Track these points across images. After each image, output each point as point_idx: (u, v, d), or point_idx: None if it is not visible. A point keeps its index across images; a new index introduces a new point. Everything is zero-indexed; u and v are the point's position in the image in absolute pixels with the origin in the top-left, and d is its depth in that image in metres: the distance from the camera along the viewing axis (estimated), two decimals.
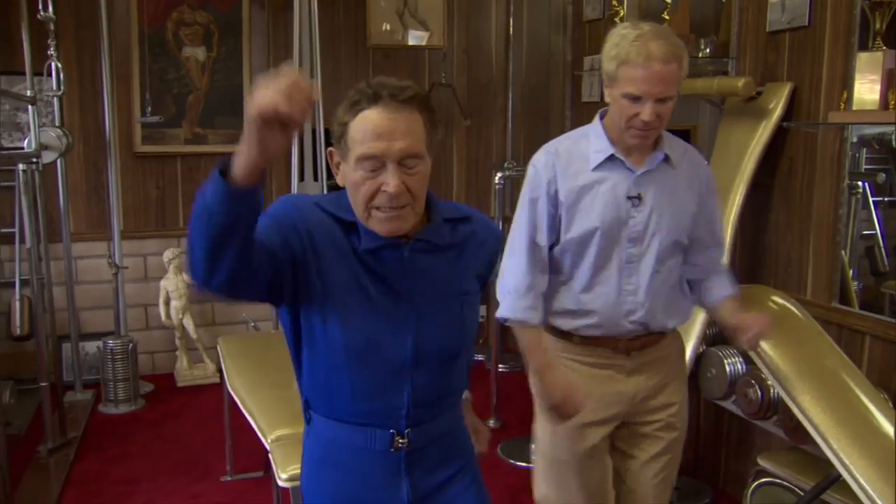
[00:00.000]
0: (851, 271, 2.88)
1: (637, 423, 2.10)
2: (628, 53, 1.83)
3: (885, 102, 2.35)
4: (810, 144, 2.80)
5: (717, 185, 2.95)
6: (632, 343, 2.04)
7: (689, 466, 3.15)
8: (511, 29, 5.08)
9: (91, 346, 4.46)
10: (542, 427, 2.16)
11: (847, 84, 2.54)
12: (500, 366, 4.31)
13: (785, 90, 2.84)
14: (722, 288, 2.11)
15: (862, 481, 1.77)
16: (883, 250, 2.99)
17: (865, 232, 3.01)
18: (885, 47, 2.39)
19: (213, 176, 1.17)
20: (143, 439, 3.86)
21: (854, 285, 2.93)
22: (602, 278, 2.00)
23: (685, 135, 3.19)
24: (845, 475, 1.82)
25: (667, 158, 1.99)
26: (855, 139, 2.83)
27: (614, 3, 3.78)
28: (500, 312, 2.03)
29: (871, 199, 2.98)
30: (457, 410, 1.60)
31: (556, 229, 2.00)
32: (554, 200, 1.99)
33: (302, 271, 1.38)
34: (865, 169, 3.02)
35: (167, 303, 4.50)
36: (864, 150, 3.00)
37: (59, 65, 3.93)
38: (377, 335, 1.41)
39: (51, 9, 3.74)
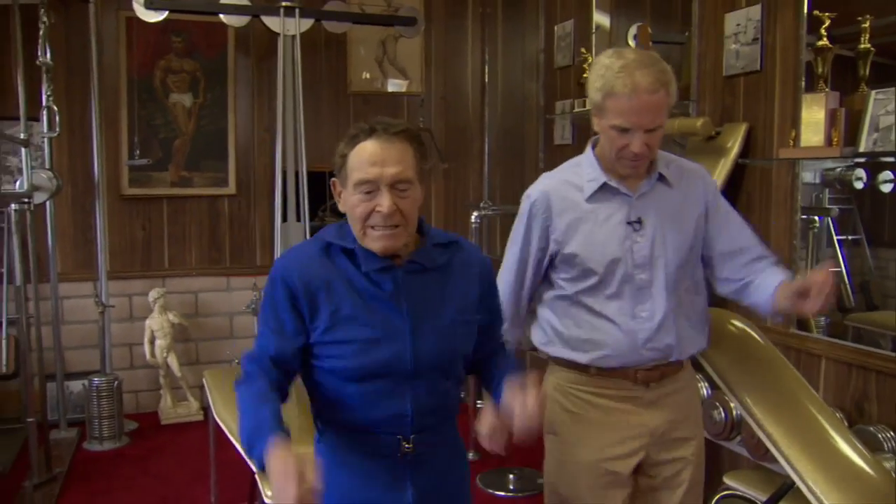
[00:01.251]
0: None
1: (655, 465, 2.03)
2: (613, 85, 1.79)
3: (829, 139, 2.53)
4: (766, 180, 2.98)
5: None
6: (650, 373, 1.96)
7: None
8: (486, 76, 5.30)
9: (76, 385, 4.53)
10: (552, 462, 2.08)
11: (796, 123, 2.72)
12: (478, 402, 4.42)
13: (741, 130, 3.03)
14: (772, 277, 1.94)
15: (812, 485, 1.89)
16: (848, 286, 3.12)
17: (831, 269, 3.17)
18: (828, 89, 2.58)
19: (252, 453, 1.42)
20: (127, 475, 3.92)
21: (822, 320, 3.07)
22: (615, 306, 1.94)
23: None
24: (798, 482, 1.94)
25: (662, 178, 1.96)
26: (818, 180, 2.99)
27: (583, 50, 3.99)
28: None
29: (835, 238, 3.12)
30: (454, 425, 1.74)
31: (543, 268, 2.01)
32: (546, 239, 1.98)
33: (310, 319, 1.57)
34: (829, 208, 3.18)
35: (152, 342, 4.59)
36: (827, 190, 3.16)
37: (56, 107, 4.07)
38: (379, 352, 1.56)
39: (49, 55, 3.90)
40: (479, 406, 4.49)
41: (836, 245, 3.12)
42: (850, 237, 3.13)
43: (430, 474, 1.65)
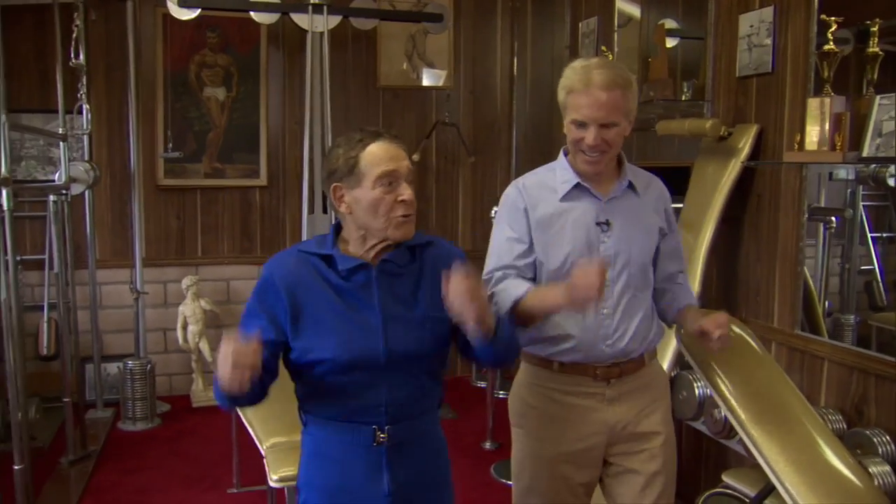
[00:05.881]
0: (826, 303, 3.02)
1: (620, 455, 2.10)
2: (573, 83, 1.94)
3: (832, 143, 2.53)
4: (775, 181, 2.99)
5: (691, 218, 3.16)
6: (610, 370, 2.04)
7: None
8: (515, 70, 5.34)
9: (112, 367, 4.73)
10: (517, 453, 2.20)
11: (802, 126, 2.73)
12: (499, 392, 4.51)
13: (752, 131, 3.04)
14: (682, 298, 2.17)
15: (789, 487, 1.94)
16: (881, 285, 3.11)
17: (864, 267, 3.15)
18: (832, 93, 2.58)
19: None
20: (157, 454, 4.10)
21: (850, 318, 3.05)
22: None
23: (686, 171, 3.32)
24: (776, 483, 1.99)
25: (631, 186, 2.08)
26: (852, 176, 2.96)
27: (603, 48, 4.02)
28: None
29: (868, 235, 3.12)
30: (435, 421, 1.84)
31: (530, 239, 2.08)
32: (527, 223, 2.06)
33: (289, 320, 1.70)
34: (863, 206, 3.14)
35: (184, 327, 4.77)
36: (861, 187, 3.13)
37: (88, 106, 4.25)
38: (354, 345, 1.68)
39: (82, 57, 4.08)
40: (499, 396, 4.59)
41: (870, 242, 3.11)
42: (884, 235, 3.10)
43: (408, 466, 1.74)
